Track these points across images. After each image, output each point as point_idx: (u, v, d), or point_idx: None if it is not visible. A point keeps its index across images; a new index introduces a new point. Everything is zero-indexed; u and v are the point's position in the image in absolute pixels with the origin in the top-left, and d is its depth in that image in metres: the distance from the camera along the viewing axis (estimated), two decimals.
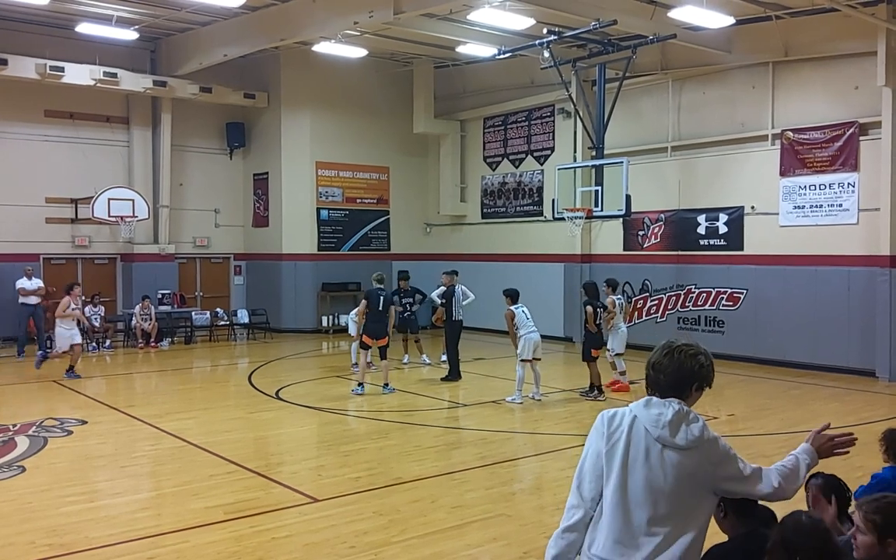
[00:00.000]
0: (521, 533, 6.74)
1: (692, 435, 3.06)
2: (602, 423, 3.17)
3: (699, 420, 3.12)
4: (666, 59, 17.96)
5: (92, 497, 7.87)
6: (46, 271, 19.45)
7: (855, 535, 3.14)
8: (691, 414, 3.13)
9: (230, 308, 22.26)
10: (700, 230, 17.64)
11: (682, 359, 3.15)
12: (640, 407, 3.13)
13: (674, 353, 3.16)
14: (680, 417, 3.08)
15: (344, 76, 21.32)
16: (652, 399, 3.16)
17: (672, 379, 3.14)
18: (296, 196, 21.83)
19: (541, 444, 10.24)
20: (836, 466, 7.42)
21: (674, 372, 3.14)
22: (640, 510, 3.02)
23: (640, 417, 3.10)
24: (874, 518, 3.07)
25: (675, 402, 3.12)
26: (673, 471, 3.03)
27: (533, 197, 21.27)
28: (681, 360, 3.15)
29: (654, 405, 3.12)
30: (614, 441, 3.10)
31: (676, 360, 3.15)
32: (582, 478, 3.15)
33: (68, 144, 19.93)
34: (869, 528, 3.07)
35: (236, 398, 13.23)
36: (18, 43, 18.18)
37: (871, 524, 3.07)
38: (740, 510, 3.65)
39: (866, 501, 3.18)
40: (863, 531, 3.10)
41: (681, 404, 3.12)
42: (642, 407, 3.13)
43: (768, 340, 16.31)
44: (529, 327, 12.51)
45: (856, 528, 3.14)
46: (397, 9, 14.82)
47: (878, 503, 3.16)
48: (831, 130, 15.44)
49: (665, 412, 3.08)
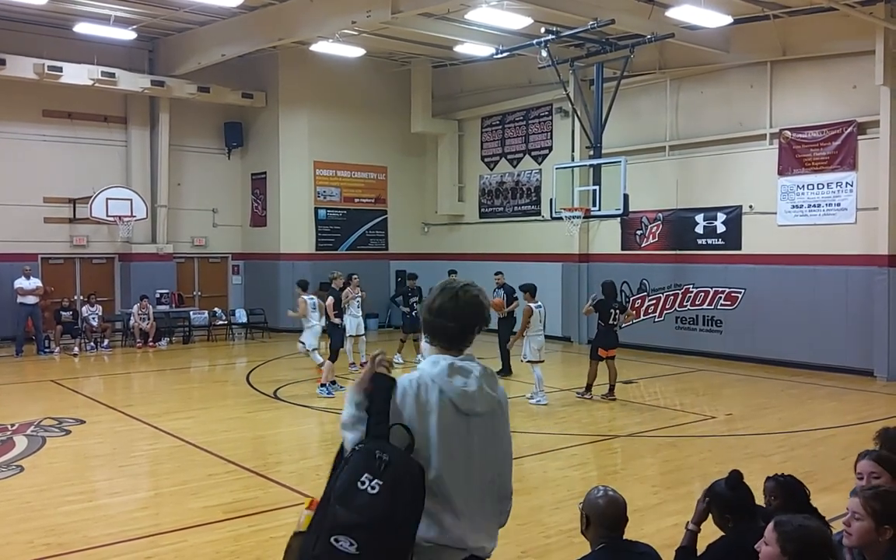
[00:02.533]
0: (520, 532, 6.73)
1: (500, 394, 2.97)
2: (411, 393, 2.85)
3: (496, 377, 3.01)
4: (664, 58, 17.97)
5: (90, 496, 7.87)
6: (45, 271, 19.43)
7: (849, 521, 3.16)
8: (489, 370, 2.97)
9: (228, 308, 22.25)
10: (698, 229, 17.65)
11: (467, 299, 2.93)
12: (443, 377, 2.86)
13: (457, 295, 2.94)
14: (484, 380, 2.91)
15: (342, 76, 21.31)
16: (450, 362, 2.89)
17: (460, 322, 2.92)
18: (294, 196, 21.83)
19: (539, 443, 10.24)
20: (833, 467, 7.47)
21: (461, 314, 2.92)
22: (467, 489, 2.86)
23: (446, 389, 2.84)
24: (874, 505, 3.10)
25: (474, 362, 2.93)
26: (482, 440, 2.89)
27: (531, 196, 21.27)
28: (466, 300, 2.93)
29: (455, 373, 2.88)
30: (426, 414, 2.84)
31: (462, 302, 2.93)
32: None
33: (66, 144, 19.90)
34: (868, 513, 3.10)
35: (235, 398, 13.22)
36: (16, 43, 18.15)
37: (871, 510, 3.10)
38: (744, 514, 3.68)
39: (863, 489, 3.21)
40: (860, 517, 3.12)
41: (477, 363, 2.94)
42: (444, 376, 2.86)
43: (766, 340, 16.32)
44: (538, 328, 12.49)
45: (850, 515, 3.15)
46: (395, 8, 14.82)
47: (876, 491, 3.20)
48: (829, 130, 15.46)
49: (470, 380, 2.88)
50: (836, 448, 9.60)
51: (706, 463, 8.99)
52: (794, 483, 4.02)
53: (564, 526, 6.77)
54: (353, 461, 2.70)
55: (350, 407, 2.88)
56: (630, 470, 9.05)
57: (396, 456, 2.68)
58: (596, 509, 3.65)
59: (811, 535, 2.81)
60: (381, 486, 2.61)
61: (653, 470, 8.93)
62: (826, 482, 7.57)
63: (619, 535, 3.64)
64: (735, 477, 3.87)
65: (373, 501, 2.60)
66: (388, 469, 2.63)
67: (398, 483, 2.63)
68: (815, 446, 9.78)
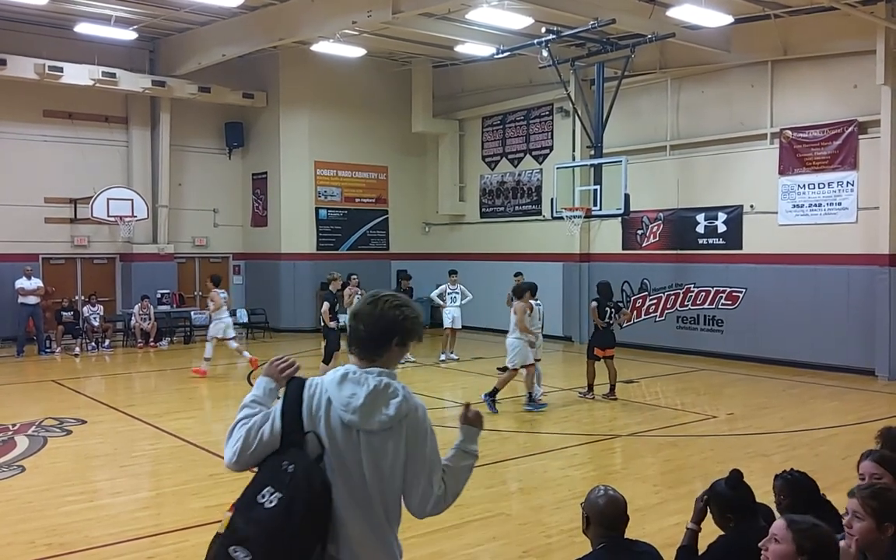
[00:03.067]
0: (521, 532, 6.74)
1: (399, 412, 2.82)
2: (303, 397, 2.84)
3: (399, 393, 2.85)
4: (665, 58, 17.96)
5: (91, 496, 7.87)
6: (46, 271, 19.44)
7: (850, 523, 3.15)
8: (391, 387, 2.85)
9: (229, 307, 22.21)
10: (699, 229, 17.64)
11: (384, 309, 2.88)
12: (334, 385, 2.82)
13: (378, 302, 2.90)
14: (376, 396, 2.80)
15: (342, 76, 21.32)
16: (347, 372, 2.85)
17: (372, 330, 2.87)
18: (294, 196, 21.84)
19: (540, 443, 10.24)
20: (835, 467, 7.43)
21: (374, 322, 2.87)
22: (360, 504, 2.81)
23: (334, 400, 2.80)
24: (872, 503, 3.10)
25: (374, 376, 2.84)
26: (374, 456, 2.79)
27: (532, 196, 21.27)
28: (383, 310, 2.88)
29: (348, 382, 2.82)
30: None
31: (379, 311, 2.88)
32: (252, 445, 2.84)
33: (67, 144, 19.91)
34: (868, 512, 3.10)
35: (236, 397, 13.15)
36: (17, 43, 18.16)
37: (870, 509, 3.10)
38: (744, 513, 3.68)
39: (860, 488, 3.21)
40: (860, 517, 3.12)
41: (380, 376, 2.85)
42: (336, 385, 2.82)
43: (767, 339, 16.31)
44: (535, 326, 12.49)
45: (851, 516, 3.15)
46: (396, 8, 14.82)
47: (872, 489, 3.20)
48: (830, 129, 15.45)
49: (358, 392, 2.80)
50: (837, 447, 9.60)
51: (707, 462, 8.99)
52: (802, 480, 4.02)
53: (565, 525, 6.77)
54: (262, 471, 2.76)
55: (256, 390, 3.01)
56: (631, 469, 9.05)
57: (301, 467, 2.68)
58: (596, 509, 3.65)
59: (824, 535, 2.82)
60: (279, 499, 2.64)
61: (654, 469, 8.93)
62: (827, 482, 7.51)
63: (619, 534, 3.64)
64: (736, 476, 3.87)
65: (268, 515, 2.63)
66: (291, 482, 2.65)
67: (294, 499, 2.64)
68: (816, 446, 9.77)
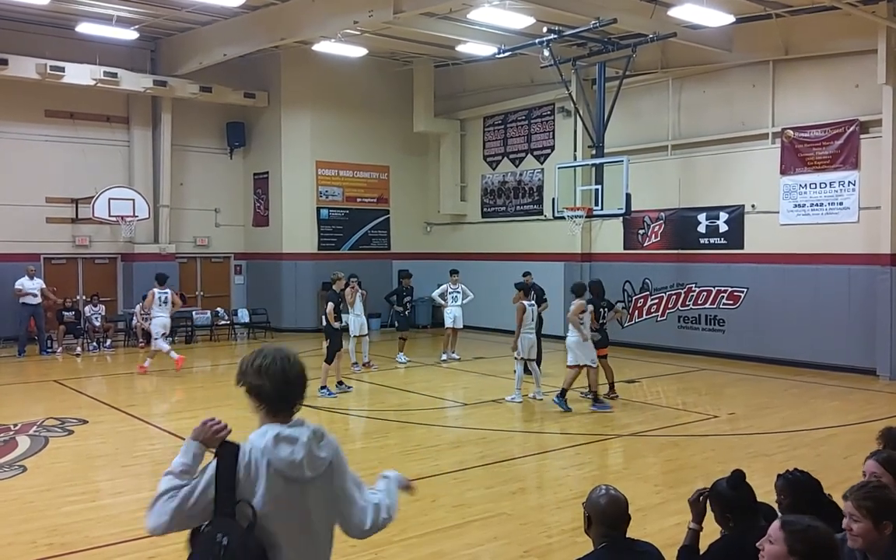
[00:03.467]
0: (522, 532, 6.74)
1: (331, 451, 2.91)
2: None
3: (323, 434, 2.92)
4: (666, 57, 17.95)
5: (93, 496, 7.88)
6: (47, 271, 19.45)
7: (849, 526, 3.15)
8: (317, 431, 2.90)
9: (231, 307, 22.27)
10: (700, 229, 17.63)
11: (286, 366, 2.92)
12: (270, 448, 2.80)
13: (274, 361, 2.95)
14: (310, 445, 2.85)
15: (344, 75, 21.32)
16: (279, 432, 2.83)
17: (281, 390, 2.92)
18: (296, 195, 21.84)
19: (541, 443, 10.25)
20: (836, 467, 7.43)
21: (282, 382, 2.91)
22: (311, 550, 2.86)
23: (274, 462, 2.78)
24: (867, 504, 3.10)
25: (306, 430, 2.87)
26: (319, 499, 2.87)
27: (533, 196, 21.27)
28: (283, 366, 2.92)
29: (283, 443, 2.82)
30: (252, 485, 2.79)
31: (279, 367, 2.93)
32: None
33: (69, 144, 19.93)
34: (863, 514, 3.10)
35: (237, 398, 12.98)
36: (19, 43, 18.18)
37: (865, 510, 3.10)
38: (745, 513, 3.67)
39: (853, 490, 3.20)
40: (857, 519, 3.12)
41: (304, 426, 2.88)
42: (271, 448, 2.80)
43: (768, 339, 16.30)
44: (530, 327, 12.51)
45: (848, 519, 3.15)
46: (397, 8, 14.82)
47: (865, 490, 3.19)
48: (832, 129, 15.44)
49: (296, 448, 2.82)
50: (838, 447, 9.60)
51: (709, 462, 8.98)
52: (804, 480, 4.00)
53: (567, 525, 6.77)
54: (197, 547, 2.77)
55: (185, 457, 2.93)
56: (632, 469, 9.04)
57: (236, 538, 2.69)
58: (597, 508, 3.65)
59: (819, 536, 2.80)
60: None
61: (655, 469, 8.93)
62: (829, 482, 7.50)
63: (621, 534, 3.64)
64: (737, 476, 3.86)
65: None
66: (226, 555, 2.65)
67: None
68: (817, 446, 9.76)
